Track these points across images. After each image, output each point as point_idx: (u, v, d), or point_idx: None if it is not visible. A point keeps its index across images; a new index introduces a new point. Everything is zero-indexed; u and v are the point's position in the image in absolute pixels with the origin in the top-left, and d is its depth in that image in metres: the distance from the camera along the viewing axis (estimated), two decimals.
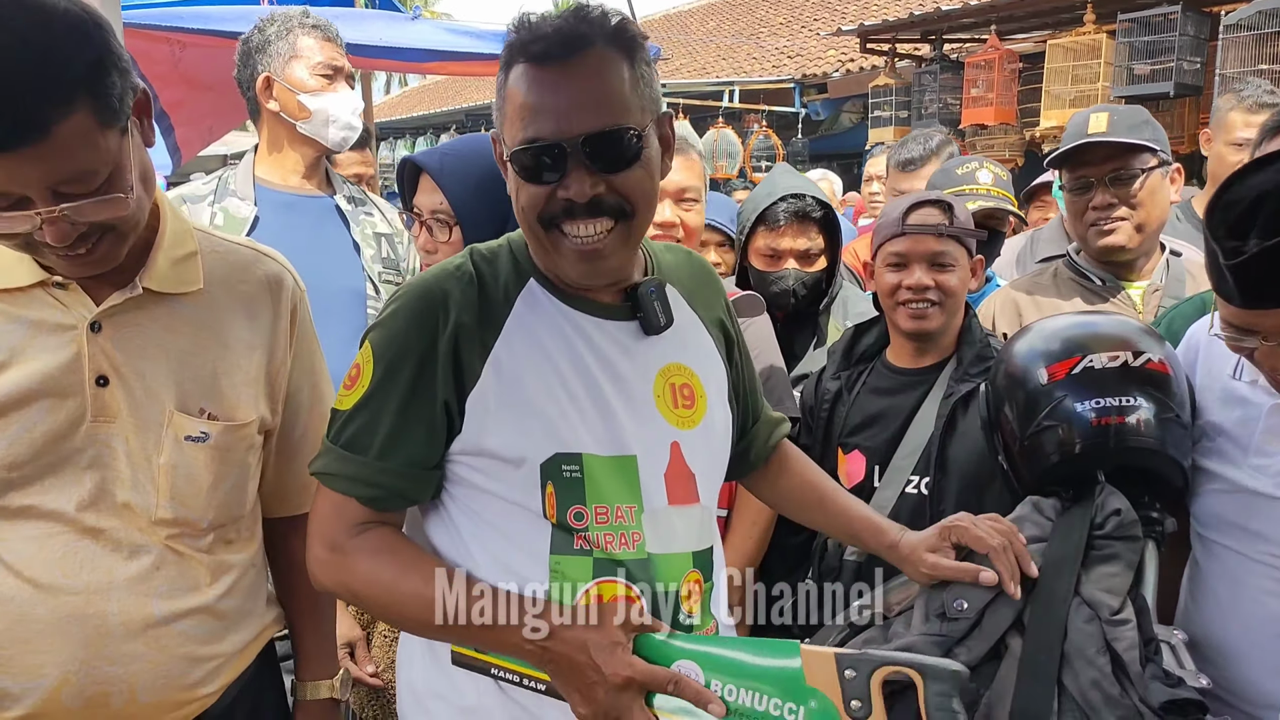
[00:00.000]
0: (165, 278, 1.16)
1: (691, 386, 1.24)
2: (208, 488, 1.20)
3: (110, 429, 1.13)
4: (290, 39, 2.16)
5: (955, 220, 1.71)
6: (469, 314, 1.15)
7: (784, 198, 2.05)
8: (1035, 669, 1.21)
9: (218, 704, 1.25)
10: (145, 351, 1.15)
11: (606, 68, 1.10)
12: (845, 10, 12.17)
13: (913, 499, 1.69)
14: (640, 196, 1.13)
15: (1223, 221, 1.17)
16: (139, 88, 1.06)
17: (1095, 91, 6.29)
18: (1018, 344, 1.53)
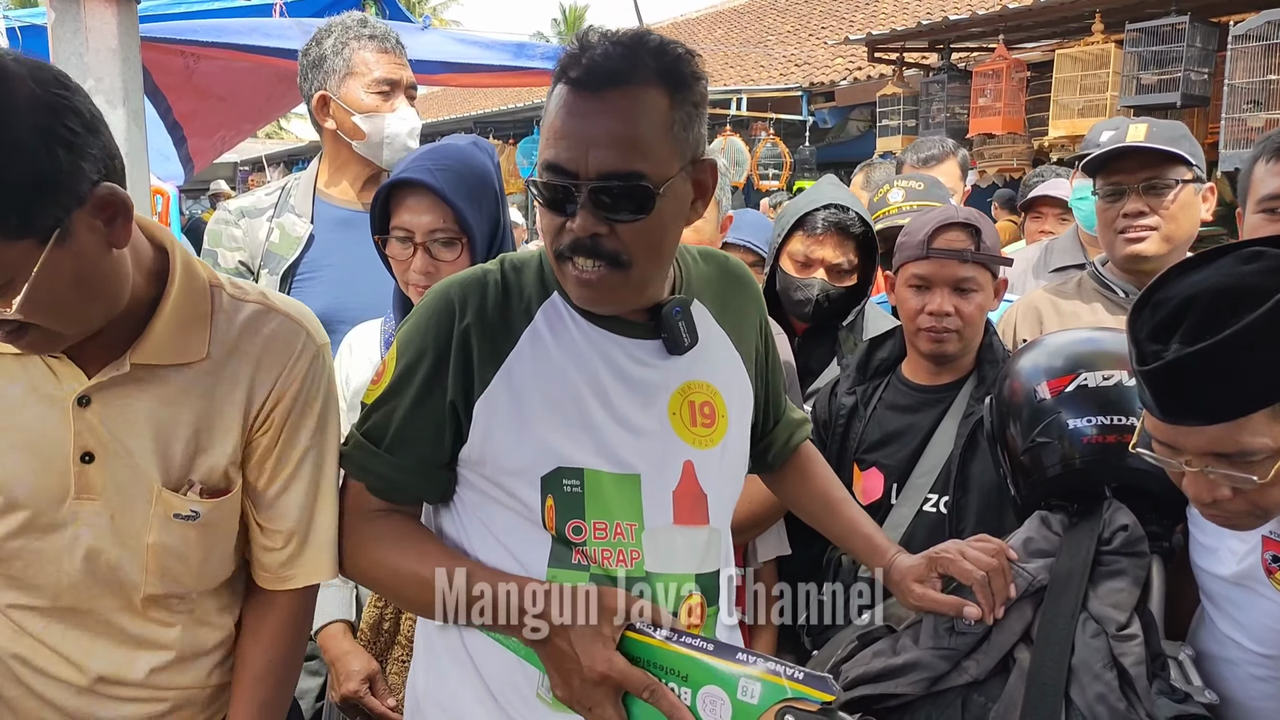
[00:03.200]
0: (163, 350, 1.10)
1: (713, 405, 1.23)
2: (199, 564, 1.17)
3: (94, 506, 1.10)
4: (346, 54, 2.07)
5: (983, 245, 1.69)
6: (486, 319, 1.16)
7: (828, 206, 2.03)
8: (1042, 683, 1.22)
9: None
10: (134, 427, 1.10)
11: (640, 107, 1.06)
12: (853, 19, 12.19)
13: (931, 517, 1.69)
14: (641, 250, 1.10)
15: (1148, 322, 1.08)
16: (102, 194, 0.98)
17: (1103, 101, 6.30)
18: (1023, 358, 1.54)
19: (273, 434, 1.18)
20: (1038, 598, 1.31)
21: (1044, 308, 2.02)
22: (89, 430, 1.09)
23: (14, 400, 1.08)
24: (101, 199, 0.98)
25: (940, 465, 1.71)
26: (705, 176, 1.15)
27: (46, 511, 1.09)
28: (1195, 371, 1.02)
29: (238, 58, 3.41)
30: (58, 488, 1.09)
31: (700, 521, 1.19)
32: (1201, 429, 1.05)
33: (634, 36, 1.09)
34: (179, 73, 3.51)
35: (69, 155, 0.94)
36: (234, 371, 1.15)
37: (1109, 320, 1.91)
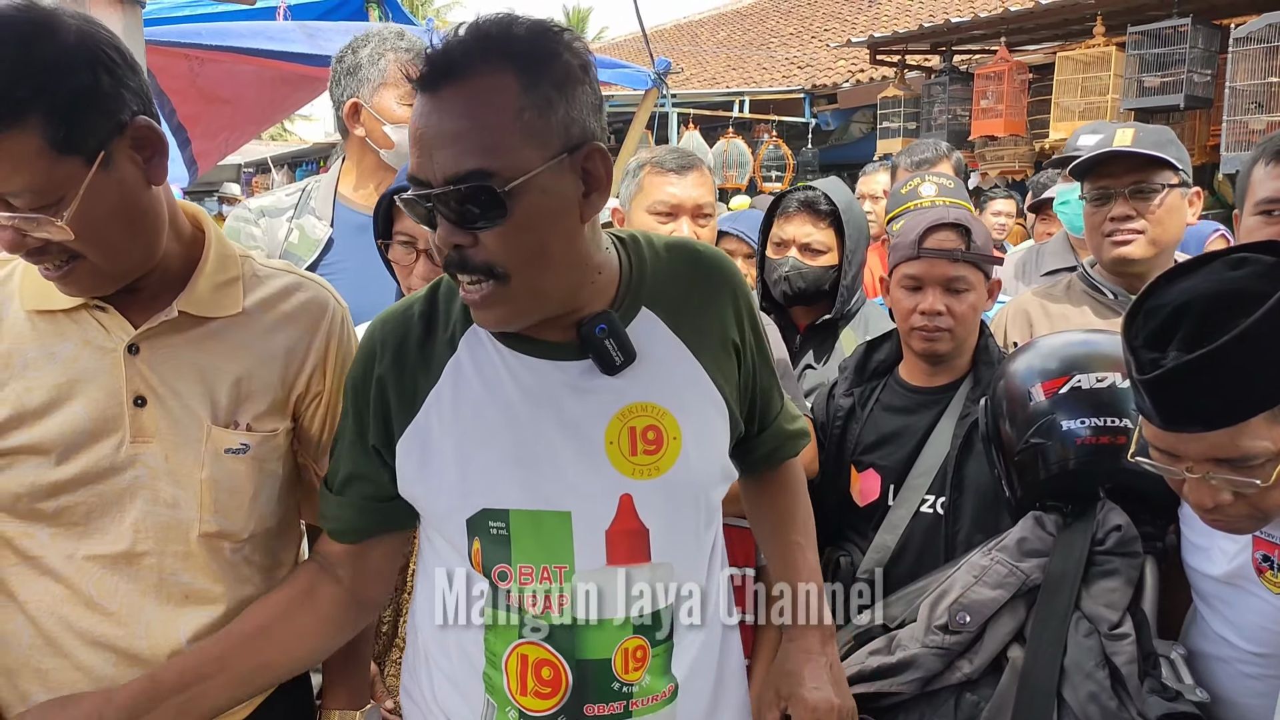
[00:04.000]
0: (204, 302, 1.18)
1: (660, 428, 1.10)
2: (249, 499, 1.22)
3: (149, 448, 1.15)
4: (382, 64, 2.09)
5: (973, 245, 1.71)
6: (404, 360, 1.11)
7: (799, 188, 2.12)
8: (1035, 683, 1.23)
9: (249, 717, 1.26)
10: (181, 371, 1.17)
11: (479, 97, 0.94)
12: (855, 21, 12.21)
13: (928, 518, 1.70)
14: (514, 258, 0.98)
15: (1142, 331, 1.09)
16: (141, 126, 1.05)
17: (1105, 104, 6.30)
18: (1017, 360, 1.55)
19: (330, 384, 1.28)
20: (1031, 597, 1.32)
21: (1033, 310, 2.04)
22: (139, 376, 1.15)
23: (67, 356, 1.13)
24: (141, 131, 1.06)
25: (937, 466, 1.72)
26: (595, 164, 1.00)
27: (106, 456, 1.14)
28: (1195, 378, 1.02)
29: (241, 60, 3.43)
30: (114, 433, 1.14)
31: (638, 559, 1.09)
32: (1202, 435, 1.05)
33: (486, 22, 0.97)
34: (183, 76, 3.53)
35: (111, 80, 1.02)
36: (271, 328, 1.23)
37: (1098, 322, 1.93)
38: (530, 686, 1.09)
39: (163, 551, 1.17)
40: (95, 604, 1.15)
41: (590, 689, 1.08)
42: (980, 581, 1.33)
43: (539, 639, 1.08)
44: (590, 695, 1.08)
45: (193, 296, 1.17)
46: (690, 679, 1.14)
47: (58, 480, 1.12)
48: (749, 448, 1.28)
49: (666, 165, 1.90)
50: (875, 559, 1.74)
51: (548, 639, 1.08)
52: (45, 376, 1.12)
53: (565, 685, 1.08)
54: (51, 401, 1.12)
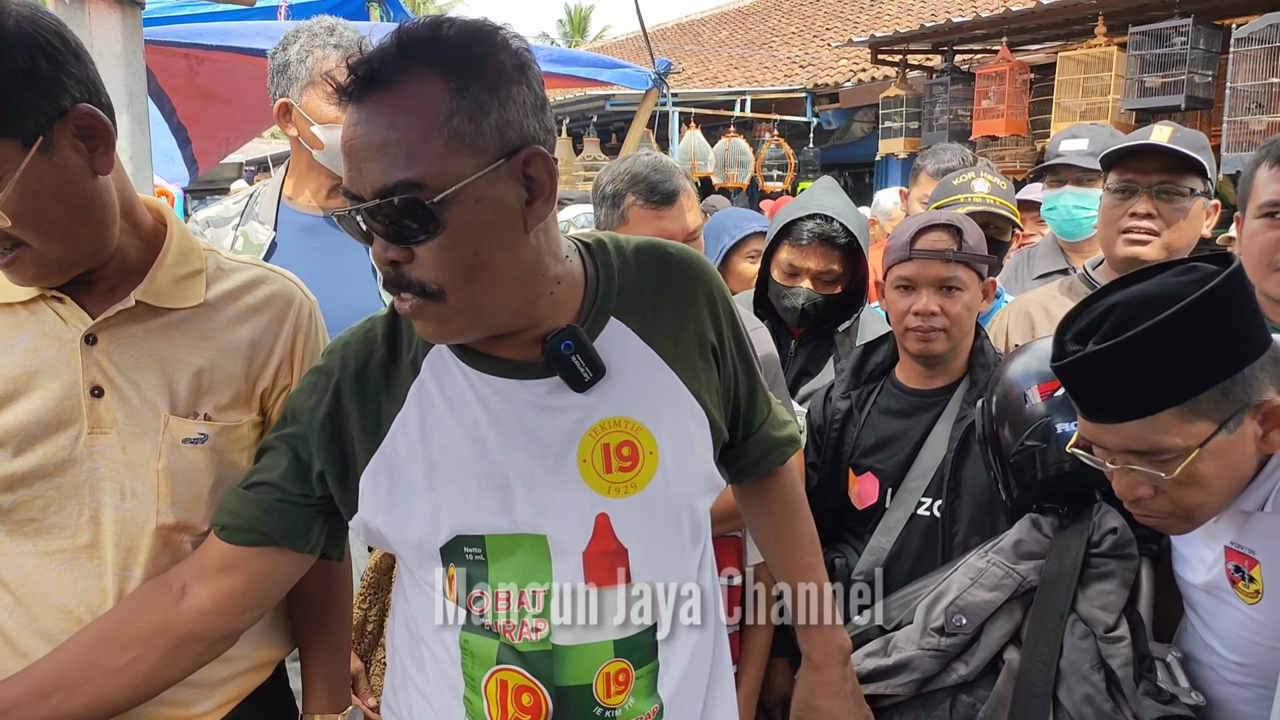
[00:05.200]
0: (163, 293, 1.17)
1: (635, 443, 1.06)
2: (208, 490, 1.20)
3: (106, 440, 1.14)
4: (309, 62, 2.05)
5: (965, 245, 1.72)
6: (364, 383, 1.07)
7: (813, 216, 2.04)
8: (1030, 684, 1.24)
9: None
10: (140, 362, 1.16)
11: (403, 105, 0.89)
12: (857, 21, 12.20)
13: (924, 521, 1.70)
14: (448, 273, 0.93)
15: (1075, 326, 1.14)
16: (83, 113, 1.04)
17: (1106, 104, 6.30)
18: (1013, 362, 1.55)
19: (297, 378, 1.26)
20: (1027, 599, 1.32)
21: (1035, 312, 2.03)
22: (96, 366, 1.14)
23: (25, 347, 1.13)
24: (84, 119, 1.04)
25: (934, 469, 1.72)
26: (536, 169, 0.94)
27: (64, 448, 1.13)
28: (1102, 369, 1.08)
29: (241, 60, 3.43)
30: (72, 424, 1.13)
31: (619, 581, 1.06)
32: (1117, 426, 1.10)
33: (411, 27, 0.93)
34: (182, 75, 3.53)
35: (49, 64, 1.01)
36: (235, 320, 1.23)
37: None
38: (511, 712, 1.06)
39: (122, 545, 1.16)
40: (54, 601, 1.14)
41: (571, 715, 1.05)
42: (977, 584, 1.34)
43: (518, 665, 1.05)
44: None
45: (151, 287, 1.16)
46: (675, 697, 1.11)
47: (14, 473, 1.11)
48: (735, 455, 1.25)
49: (653, 198, 1.80)
50: (871, 561, 1.74)
51: (526, 665, 1.05)
52: (2, 368, 1.11)
53: (545, 711, 1.05)
54: (9, 394, 1.11)
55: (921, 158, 3.16)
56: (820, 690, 1.28)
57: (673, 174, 1.84)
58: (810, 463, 1.88)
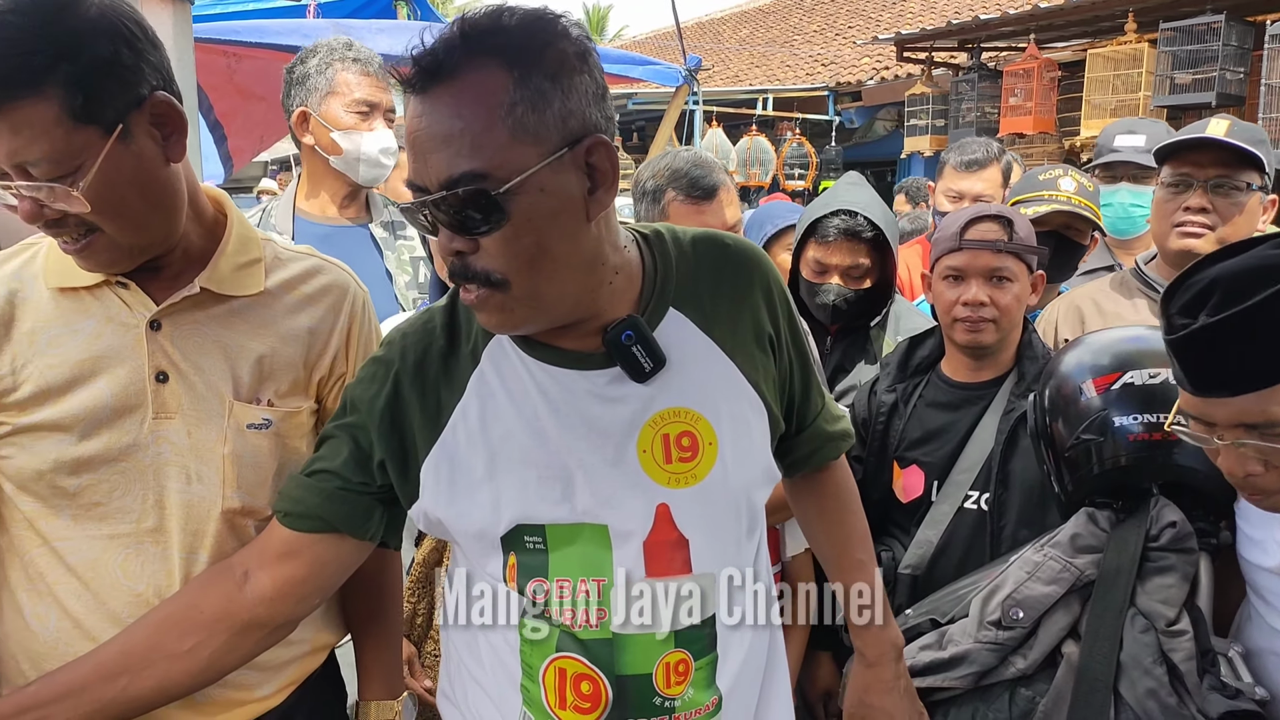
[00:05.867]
0: (225, 280, 1.19)
1: (694, 434, 1.06)
2: (272, 475, 1.22)
3: (171, 425, 1.16)
4: (329, 73, 2.15)
5: (1015, 236, 1.71)
6: (424, 373, 1.07)
7: (838, 213, 2.04)
8: (1091, 678, 1.23)
9: (277, 708, 1.27)
10: (203, 348, 1.18)
11: (466, 95, 0.89)
12: (880, 18, 12.15)
13: (972, 515, 1.70)
14: (512, 263, 0.93)
15: (1178, 301, 1.13)
16: (159, 101, 1.06)
17: (1136, 101, 6.25)
18: (1068, 355, 1.55)
19: (352, 367, 1.28)
20: (1085, 593, 1.32)
21: (1085, 306, 2.01)
22: (161, 352, 1.15)
23: (89, 332, 1.14)
24: (160, 107, 1.06)
25: (981, 462, 1.71)
26: (599, 158, 0.94)
27: (129, 432, 1.14)
28: (1218, 341, 1.06)
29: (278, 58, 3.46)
30: (137, 409, 1.15)
31: (679, 571, 1.05)
32: (1229, 400, 1.08)
33: (473, 16, 0.92)
34: (221, 72, 3.57)
35: (130, 53, 1.03)
36: (293, 308, 1.24)
37: (1152, 318, 1.91)
38: (569, 700, 1.06)
39: (188, 530, 1.17)
40: (121, 585, 1.15)
41: (630, 704, 1.05)
42: (1034, 577, 1.33)
43: (577, 653, 1.05)
44: (631, 710, 1.05)
45: (214, 274, 1.18)
46: (734, 689, 1.10)
47: (79, 457, 1.13)
48: (788, 448, 1.24)
49: (693, 193, 1.82)
50: (917, 555, 1.74)
51: (586, 653, 1.05)
52: (68, 353, 1.13)
53: (605, 700, 1.05)
54: (75, 378, 1.13)
55: (946, 151, 3.13)
56: (874, 688, 1.28)
57: (712, 169, 1.85)
58: (854, 456, 1.87)
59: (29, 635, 1.16)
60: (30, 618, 1.16)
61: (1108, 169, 2.60)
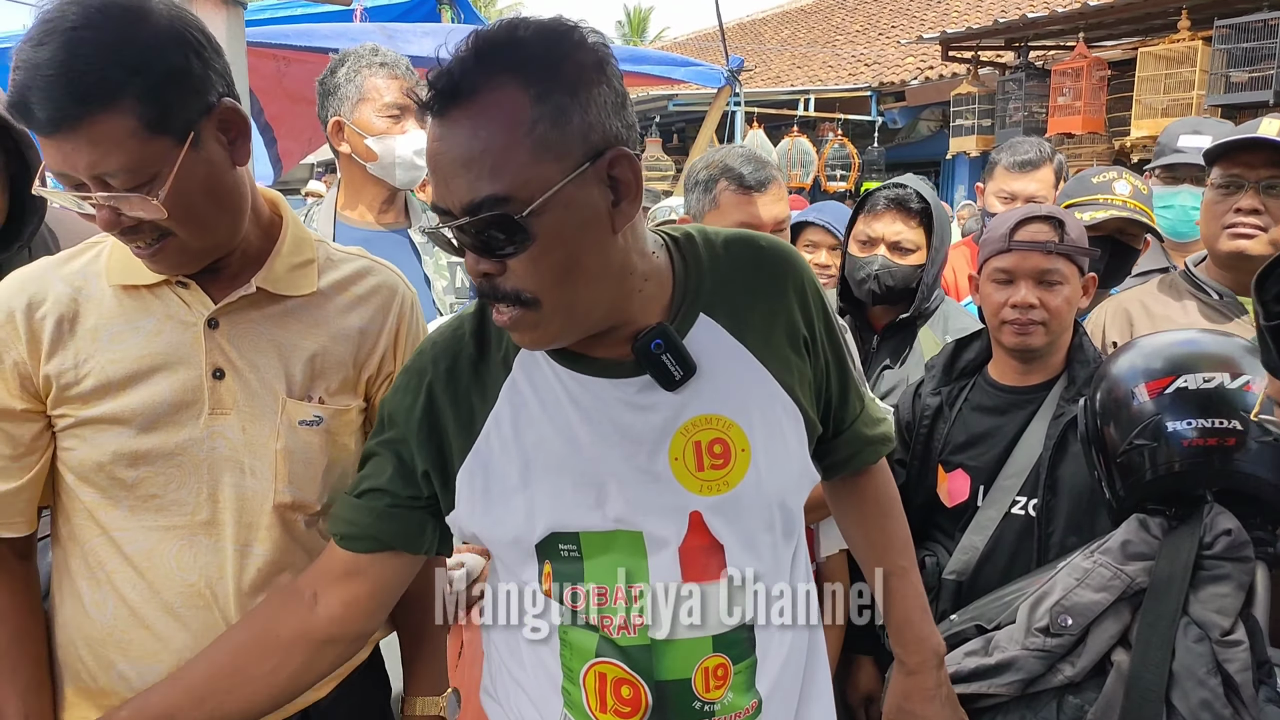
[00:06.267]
0: (280, 280, 1.22)
1: (726, 441, 1.05)
2: (322, 471, 1.25)
3: (227, 420, 1.19)
4: (358, 81, 2.19)
5: (1066, 237, 1.68)
6: (456, 381, 1.07)
7: (888, 185, 2.07)
8: (1142, 687, 1.21)
9: (322, 701, 1.29)
10: (259, 346, 1.20)
11: (484, 117, 0.88)
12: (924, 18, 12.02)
13: (1019, 520, 1.67)
14: (542, 283, 0.93)
15: (1266, 289, 1.09)
16: (226, 108, 1.09)
17: (1189, 100, 6.12)
18: (1119, 360, 1.52)
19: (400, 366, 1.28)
20: (1136, 601, 1.29)
21: (1133, 309, 1.97)
22: (218, 349, 1.19)
23: (150, 330, 1.17)
24: (226, 113, 1.09)
25: (1029, 467, 1.69)
26: (622, 170, 0.93)
27: (186, 427, 1.18)
28: None
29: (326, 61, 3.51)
30: (194, 404, 1.18)
31: (715, 576, 1.05)
32: None
33: (487, 33, 0.90)
34: (271, 76, 3.64)
35: (199, 62, 1.06)
36: (345, 309, 1.27)
37: (1202, 321, 1.87)
38: (610, 704, 1.06)
39: (242, 523, 1.20)
40: (175, 575, 1.18)
41: (670, 708, 1.05)
42: (1083, 584, 1.31)
43: (616, 659, 1.05)
44: (670, 715, 1.05)
45: (270, 275, 1.20)
46: (774, 692, 1.10)
47: (138, 450, 1.16)
48: (825, 451, 1.23)
49: (745, 183, 1.84)
50: (962, 560, 1.72)
51: (625, 659, 1.05)
52: (129, 349, 1.16)
53: (645, 705, 1.05)
54: (135, 373, 1.16)
55: (997, 151, 3.07)
56: (914, 695, 1.27)
57: (766, 164, 1.87)
58: (898, 459, 1.86)
59: (88, 621, 1.20)
60: (89, 605, 1.20)
61: (1169, 170, 2.54)
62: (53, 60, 0.98)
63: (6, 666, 1.19)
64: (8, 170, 1.45)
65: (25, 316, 1.15)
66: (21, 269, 1.21)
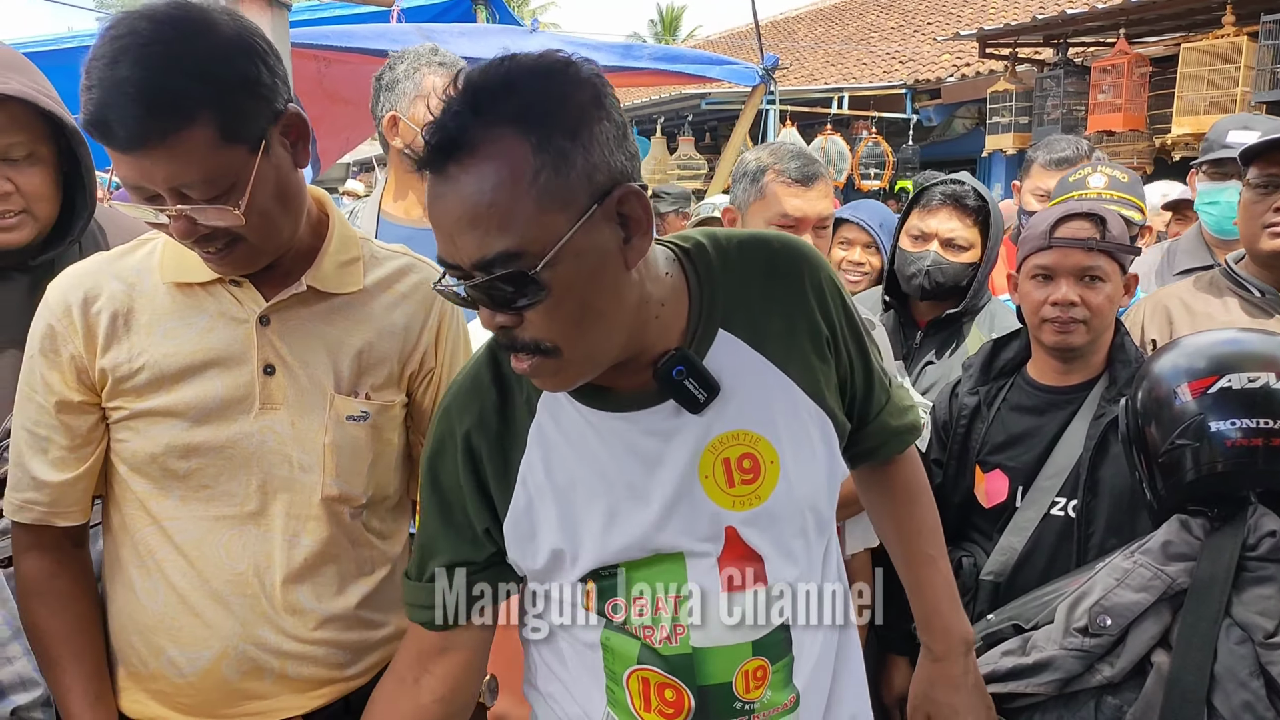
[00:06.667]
0: (329, 278, 1.24)
1: (755, 455, 1.05)
2: (369, 465, 1.28)
3: (277, 415, 1.22)
4: (417, 78, 2.24)
5: (1108, 234, 1.66)
6: (488, 430, 1.07)
7: (945, 180, 2.06)
8: (1183, 689, 1.20)
9: (363, 687, 1.31)
10: (308, 343, 1.23)
11: (482, 172, 0.85)
12: (960, 14, 11.90)
13: (1059, 521, 1.67)
14: (559, 332, 0.91)
15: None
16: (291, 113, 1.11)
17: (1233, 97, 5.99)
18: (1161, 359, 1.50)
19: (440, 362, 1.33)
20: (1176, 602, 1.28)
21: (1174, 307, 1.95)
22: (270, 346, 1.21)
23: (203, 326, 1.20)
24: (290, 118, 1.12)
25: (1069, 468, 1.68)
26: (631, 207, 0.91)
27: (237, 421, 1.21)
28: None
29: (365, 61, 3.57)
30: (245, 399, 1.21)
31: (756, 583, 1.07)
32: None
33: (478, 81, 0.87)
34: (311, 77, 3.70)
35: (266, 70, 1.08)
36: (389, 306, 1.29)
37: (1244, 319, 1.84)
38: (654, 704, 1.08)
39: (291, 514, 1.23)
40: (224, 564, 1.21)
41: (712, 710, 1.07)
42: (1123, 584, 1.30)
43: (657, 665, 1.07)
44: (712, 715, 1.07)
45: (319, 273, 1.23)
46: (811, 685, 1.12)
47: (190, 442, 1.19)
48: (852, 441, 1.21)
49: (793, 175, 1.85)
50: (1000, 561, 1.71)
51: (666, 666, 1.06)
52: (183, 345, 1.19)
53: (688, 707, 1.07)
54: (188, 368, 1.19)
55: (1034, 149, 3.04)
56: (940, 682, 1.27)
57: (815, 161, 1.89)
58: (934, 459, 1.86)
59: (139, 609, 1.23)
60: (140, 593, 1.23)
61: (1217, 165, 2.50)
62: (130, 79, 0.99)
63: (70, 651, 1.22)
64: (60, 168, 1.49)
65: (81, 311, 1.19)
66: (76, 265, 1.25)
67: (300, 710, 1.27)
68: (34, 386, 1.22)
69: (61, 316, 1.19)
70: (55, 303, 1.21)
